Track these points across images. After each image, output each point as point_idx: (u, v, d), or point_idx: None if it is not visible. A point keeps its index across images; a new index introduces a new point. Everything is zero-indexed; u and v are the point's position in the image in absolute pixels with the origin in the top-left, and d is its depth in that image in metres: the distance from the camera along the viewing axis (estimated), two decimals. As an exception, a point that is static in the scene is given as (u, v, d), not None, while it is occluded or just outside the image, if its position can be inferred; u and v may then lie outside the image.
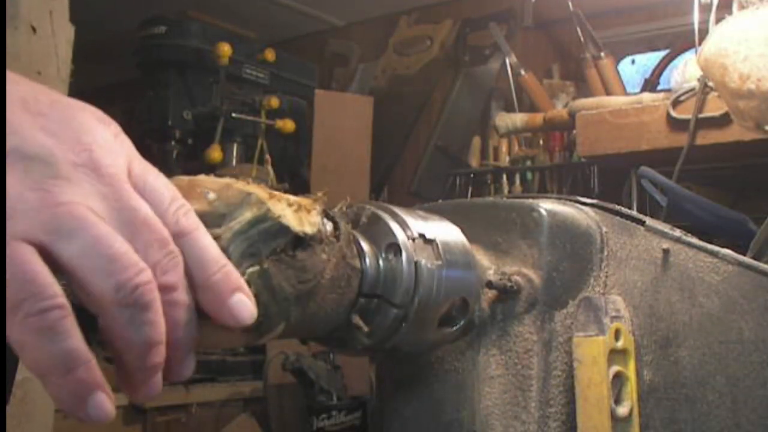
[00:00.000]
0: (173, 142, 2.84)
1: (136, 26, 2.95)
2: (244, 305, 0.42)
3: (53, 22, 1.55)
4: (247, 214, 0.46)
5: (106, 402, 0.37)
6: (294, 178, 3.13)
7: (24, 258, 0.35)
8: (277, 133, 3.04)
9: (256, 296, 0.45)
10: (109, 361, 0.39)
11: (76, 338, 0.36)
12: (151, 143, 2.82)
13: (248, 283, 0.44)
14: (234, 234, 0.45)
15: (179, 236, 0.41)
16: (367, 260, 0.54)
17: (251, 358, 2.62)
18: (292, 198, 0.50)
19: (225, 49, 2.83)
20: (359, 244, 0.55)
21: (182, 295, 0.40)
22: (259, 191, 0.47)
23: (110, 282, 0.36)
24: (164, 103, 2.83)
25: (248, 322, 0.42)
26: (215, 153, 2.82)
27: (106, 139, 0.41)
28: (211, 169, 2.78)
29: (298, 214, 0.49)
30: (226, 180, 0.47)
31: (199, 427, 2.42)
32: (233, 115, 2.91)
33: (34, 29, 1.50)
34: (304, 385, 2.37)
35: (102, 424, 0.37)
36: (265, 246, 0.46)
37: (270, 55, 3.10)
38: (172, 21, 2.92)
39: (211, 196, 0.45)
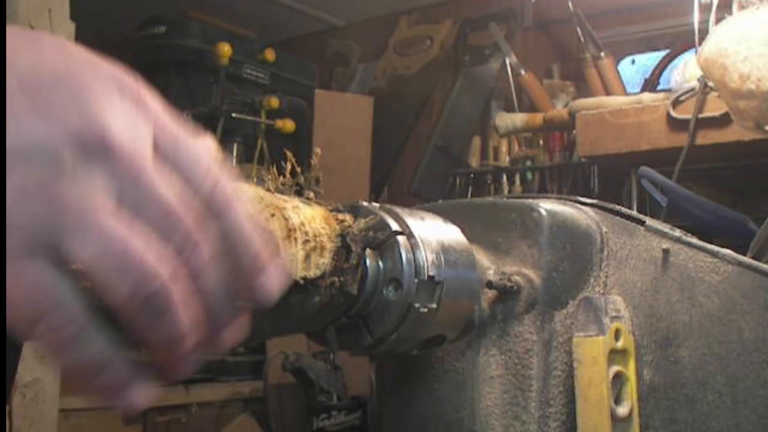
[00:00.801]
0: (173, 142, 2.84)
1: (136, 26, 2.95)
2: (273, 284, 0.40)
3: (52, 20, 1.55)
4: None
5: (136, 396, 0.36)
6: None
7: (33, 277, 0.33)
8: (277, 133, 3.04)
9: None
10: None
11: (94, 347, 0.35)
12: (151, 143, 2.81)
13: None
14: None
15: (213, 215, 0.38)
16: (366, 288, 0.53)
17: (251, 358, 2.62)
18: (312, 232, 0.48)
19: (225, 49, 2.83)
20: (366, 269, 0.53)
21: (209, 283, 0.38)
22: (278, 229, 0.46)
23: (125, 288, 0.35)
24: (164, 103, 2.83)
25: (274, 299, 0.41)
26: (215, 153, 2.82)
27: (125, 113, 0.36)
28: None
29: (310, 257, 0.48)
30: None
31: (199, 427, 2.42)
32: (233, 115, 2.91)
33: (32, 28, 1.51)
34: (304, 385, 2.37)
35: (103, 422, 0.37)
36: None
37: (270, 55, 3.10)
38: (172, 21, 2.92)
39: None
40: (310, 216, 0.49)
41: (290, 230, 0.47)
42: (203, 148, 0.39)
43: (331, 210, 0.54)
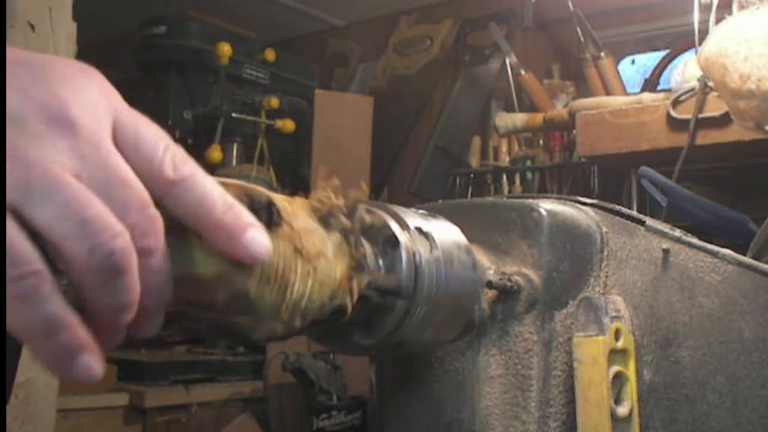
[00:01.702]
0: (173, 142, 2.85)
1: (136, 26, 2.95)
2: (259, 241, 0.41)
3: (53, 19, 1.54)
4: None
5: (92, 363, 0.36)
6: (294, 179, 3.14)
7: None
8: (277, 133, 3.05)
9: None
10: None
11: (54, 303, 0.35)
12: (151, 143, 2.82)
13: None
14: None
15: (179, 182, 0.40)
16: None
17: (251, 358, 2.63)
18: (328, 282, 0.49)
19: (225, 49, 2.84)
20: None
21: (159, 261, 0.39)
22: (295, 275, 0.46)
23: (84, 246, 0.35)
24: (164, 103, 2.83)
25: (264, 256, 0.42)
26: (215, 153, 2.82)
27: (87, 91, 0.39)
28: (211, 169, 2.79)
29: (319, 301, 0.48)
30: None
31: (199, 427, 2.42)
32: (233, 115, 2.91)
33: (32, 27, 1.50)
34: (304, 385, 2.38)
35: (103, 422, 0.37)
36: None
37: (270, 55, 3.10)
38: (172, 21, 2.92)
39: None
40: (329, 270, 0.49)
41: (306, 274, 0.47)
42: (159, 136, 0.42)
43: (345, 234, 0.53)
